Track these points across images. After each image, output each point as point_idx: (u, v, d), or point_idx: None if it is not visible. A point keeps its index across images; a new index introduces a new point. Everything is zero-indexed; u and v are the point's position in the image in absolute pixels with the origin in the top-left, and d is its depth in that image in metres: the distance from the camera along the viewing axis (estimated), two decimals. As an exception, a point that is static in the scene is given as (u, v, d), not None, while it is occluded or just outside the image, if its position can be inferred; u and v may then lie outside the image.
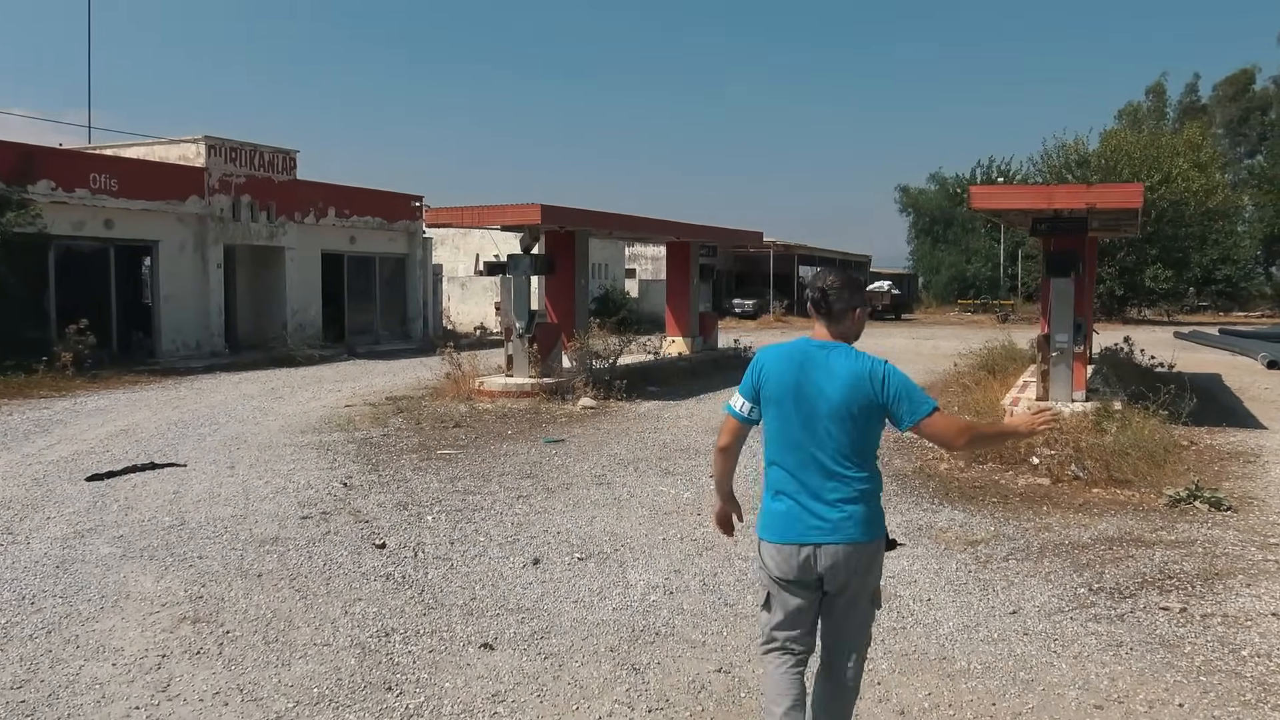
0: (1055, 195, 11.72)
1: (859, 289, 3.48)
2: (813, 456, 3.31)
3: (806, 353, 3.38)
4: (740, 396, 3.46)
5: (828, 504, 3.30)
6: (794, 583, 3.36)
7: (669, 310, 20.37)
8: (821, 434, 3.30)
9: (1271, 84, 63.53)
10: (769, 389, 3.39)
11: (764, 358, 3.46)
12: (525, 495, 8.18)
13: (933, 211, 65.13)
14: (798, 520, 3.32)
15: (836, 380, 3.30)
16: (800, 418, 3.32)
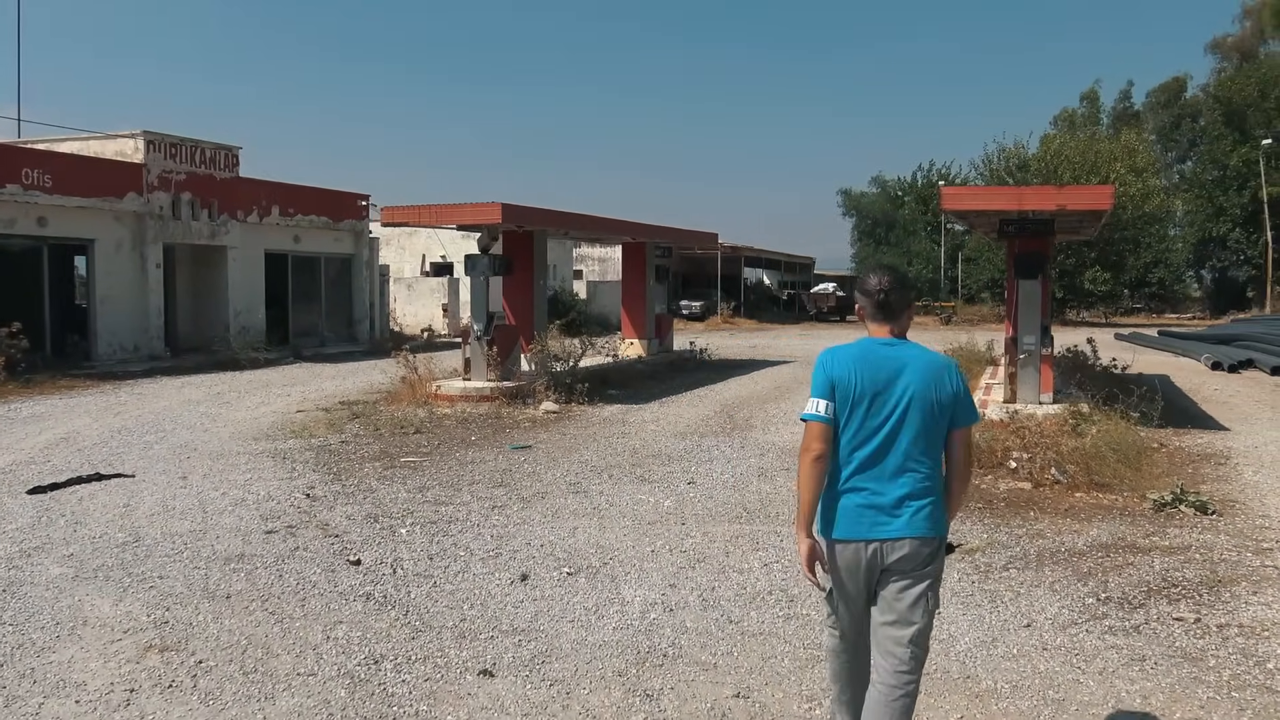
0: (1025, 197, 11.68)
1: (910, 285, 3.65)
2: (885, 453, 3.35)
3: (876, 352, 3.43)
4: (819, 400, 3.39)
5: (897, 500, 3.34)
6: (858, 578, 3.38)
7: (624, 312, 20.10)
8: (897, 430, 3.35)
9: (1201, 92, 65.17)
10: (844, 389, 3.37)
11: (833, 358, 3.45)
12: (500, 505, 7.84)
13: (875, 214, 65.78)
14: (867, 517, 3.34)
15: (917, 373, 3.38)
16: (876, 415, 3.36)
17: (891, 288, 3.51)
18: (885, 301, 3.50)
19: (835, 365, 3.41)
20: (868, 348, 3.44)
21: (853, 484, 3.36)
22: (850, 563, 3.36)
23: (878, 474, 3.36)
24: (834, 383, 3.39)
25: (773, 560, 6.39)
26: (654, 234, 19.36)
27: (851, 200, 67.82)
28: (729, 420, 12.70)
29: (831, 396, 3.38)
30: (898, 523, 3.33)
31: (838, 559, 3.38)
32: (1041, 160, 44.68)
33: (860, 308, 3.60)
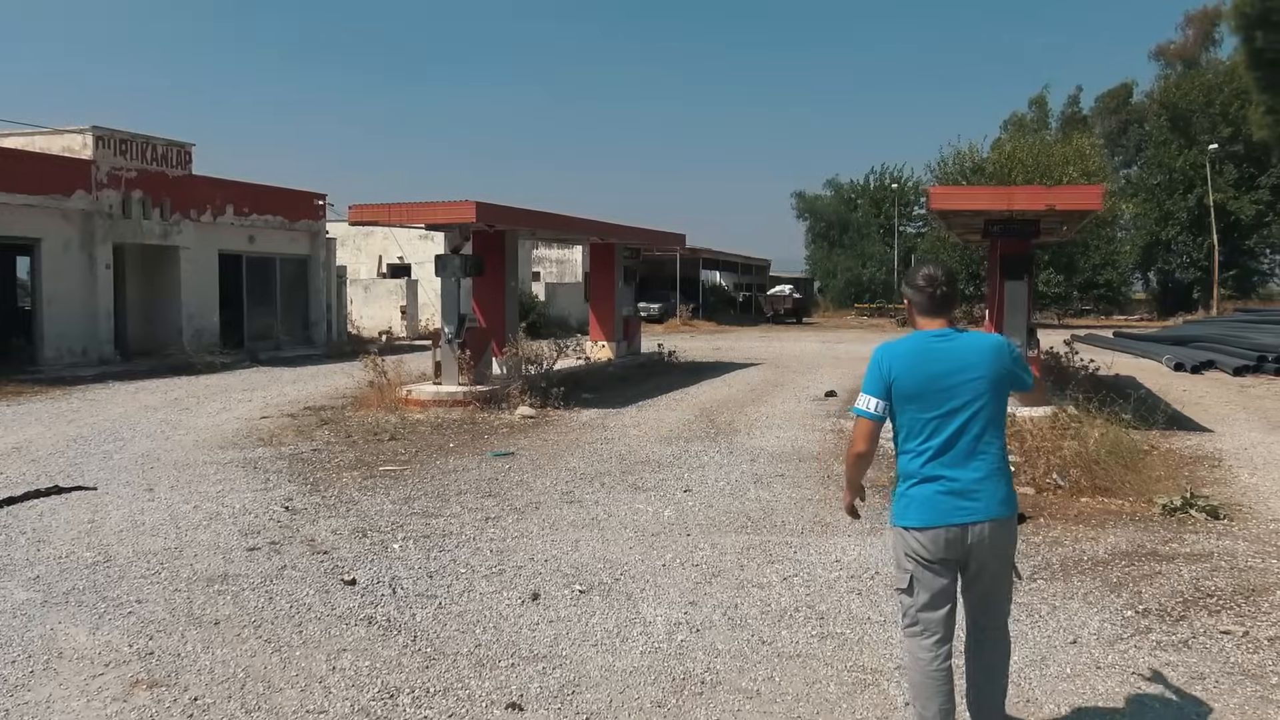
0: (1015, 196, 11.54)
1: (955, 278, 3.73)
2: (957, 440, 3.45)
3: (934, 345, 3.52)
4: (870, 397, 3.52)
5: (974, 483, 3.44)
6: (942, 564, 3.47)
7: (592, 314, 19.74)
8: (967, 418, 3.45)
9: (1146, 98, 66.35)
10: (904, 384, 3.47)
11: (890, 356, 3.54)
12: (493, 517, 7.45)
13: (829, 216, 66.02)
14: (946, 503, 3.43)
15: (981, 356, 3.50)
16: (940, 405, 3.45)
17: (946, 281, 3.61)
18: (942, 295, 3.59)
19: (893, 362, 3.50)
20: (924, 342, 3.54)
21: (927, 473, 3.45)
22: (933, 549, 3.45)
23: (952, 460, 3.44)
24: (891, 379, 3.48)
25: (791, 574, 6.08)
26: (623, 234, 19.03)
27: (806, 203, 68.04)
28: (711, 424, 12.40)
29: (887, 394, 3.49)
30: (977, 506, 3.43)
31: (917, 545, 3.47)
32: (995, 163, 45.12)
33: (910, 303, 3.69)
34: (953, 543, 3.43)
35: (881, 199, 64.07)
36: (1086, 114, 69.69)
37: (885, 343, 3.65)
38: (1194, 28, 65.83)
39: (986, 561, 3.49)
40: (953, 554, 3.45)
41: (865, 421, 3.54)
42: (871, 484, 8.65)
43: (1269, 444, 11.30)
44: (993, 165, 44.84)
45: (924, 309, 3.61)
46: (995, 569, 3.53)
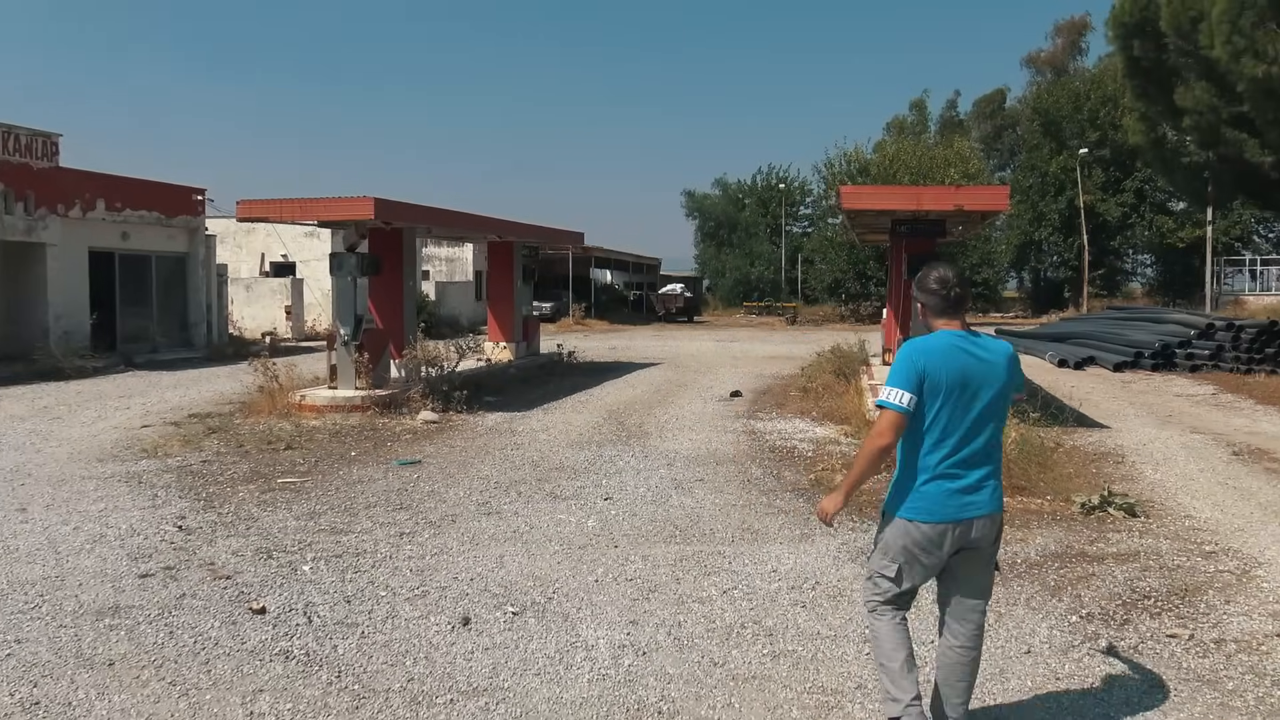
0: (924, 197, 11.59)
1: (967, 279, 3.83)
2: (972, 440, 3.57)
3: (962, 346, 3.59)
4: (901, 390, 3.52)
5: (980, 481, 3.59)
6: (939, 557, 3.62)
7: (491, 314, 19.24)
8: (982, 417, 3.57)
9: (1019, 103, 68.88)
10: (935, 380, 3.53)
11: (923, 351, 3.57)
12: (408, 532, 7.02)
13: (718, 216, 66.51)
14: (955, 500, 3.55)
15: (998, 365, 3.62)
16: (965, 405, 3.55)
17: (960, 283, 3.68)
18: (957, 296, 3.66)
19: (926, 358, 3.54)
20: (955, 342, 3.59)
21: (942, 470, 3.55)
22: (935, 543, 3.58)
23: (966, 460, 3.56)
24: (924, 375, 3.52)
25: (730, 587, 5.85)
26: (522, 232, 18.58)
27: (695, 202, 68.40)
28: (621, 427, 12.13)
29: (919, 389, 3.52)
30: (980, 500, 3.59)
31: (922, 539, 3.58)
32: (879, 165, 46.10)
33: (924, 306, 3.72)
34: (957, 538, 3.58)
35: (768, 198, 64.86)
36: (963, 118, 72.10)
37: (914, 338, 3.68)
38: (1063, 37, 68.78)
39: (980, 551, 3.65)
40: (952, 548, 3.60)
41: (895, 414, 3.53)
42: (792, 487, 8.52)
43: (1164, 439, 11.63)
44: (876, 167, 45.79)
45: (939, 310, 3.67)
46: (986, 557, 3.70)
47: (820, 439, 11.23)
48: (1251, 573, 6.26)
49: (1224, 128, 20.05)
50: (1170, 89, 21.20)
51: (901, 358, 3.61)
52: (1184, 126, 21.59)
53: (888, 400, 3.55)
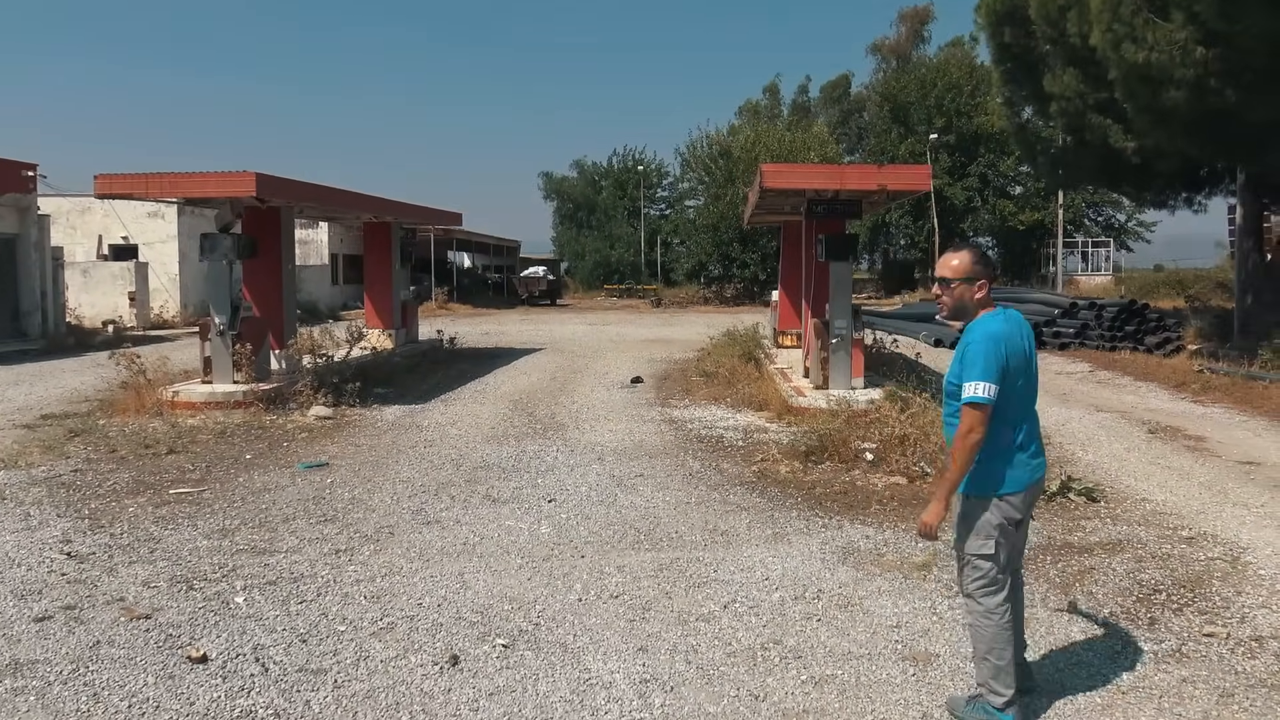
0: (847, 176, 11.27)
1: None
2: (1031, 409, 3.87)
3: (1016, 326, 3.82)
4: (990, 384, 3.61)
5: (1040, 446, 3.91)
6: (1022, 523, 3.88)
7: (368, 299, 18.11)
8: (1034, 386, 3.89)
9: (865, 89, 70.73)
10: (1013, 365, 3.71)
11: (1002, 339, 3.70)
12: (345, 549, 6.18)
13: (576, 198, 65.81)
14: (1032, 464, 3.82)
15: (1031, 337, 3.91)
16: (1030, 380, 3.82)
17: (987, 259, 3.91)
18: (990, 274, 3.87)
19: (1007, 347, 3.69)
20: (1011, 325, 3.79)
21: (1021, 441, 3.78)
22: (1021, 510, 3.82)
23: (1032, 428, 3.86)
24: (1006, 363, 3.66)
25: (728, 600, 5.31)
26: (402, 212, 17.49)
27: (553, 184, 67.48)
28: (532, 419, 11.41)
29: (1001, 379, 3.63)
30: (1042, 462, 3.91)
31: (1012, 511, 3.76)
32: (741, 148, 46.31)
33: (983, 284, 3.83)
34: (1032, 499, 3.90)
35: (625, 180, 64.56)
36: (812, 103, 73.55)
37: (988, 328, 3.73)
38: (906, 25, 70.85)
39: (1032, 508, 3.96)
40: (1029, 510, 3.91)
41: (987, 408, 3.62)
42: (739, 481, 8.01)
43: (1077, 419, 11.73)
44: (739, 150, 45.99)
45: (987, 290, 3.84)
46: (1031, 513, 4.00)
47: (745, 427, 10.81)
48: (1241, 560, 6.13)
49: (1090, 113, 20.63)
50: (1039, 75, 21.71)
51: (987, 349, 3.65)
52: (1051, 112, 22.15)
53: (979, 395, 3.60)
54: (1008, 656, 3.78)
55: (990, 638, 3.78)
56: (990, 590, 3.79)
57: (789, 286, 17.92)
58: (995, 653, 3.76)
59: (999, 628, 3.77)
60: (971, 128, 54.26)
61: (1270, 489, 8.22)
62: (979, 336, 3.70)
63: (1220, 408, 12.96)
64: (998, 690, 3.77)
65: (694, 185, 54.29)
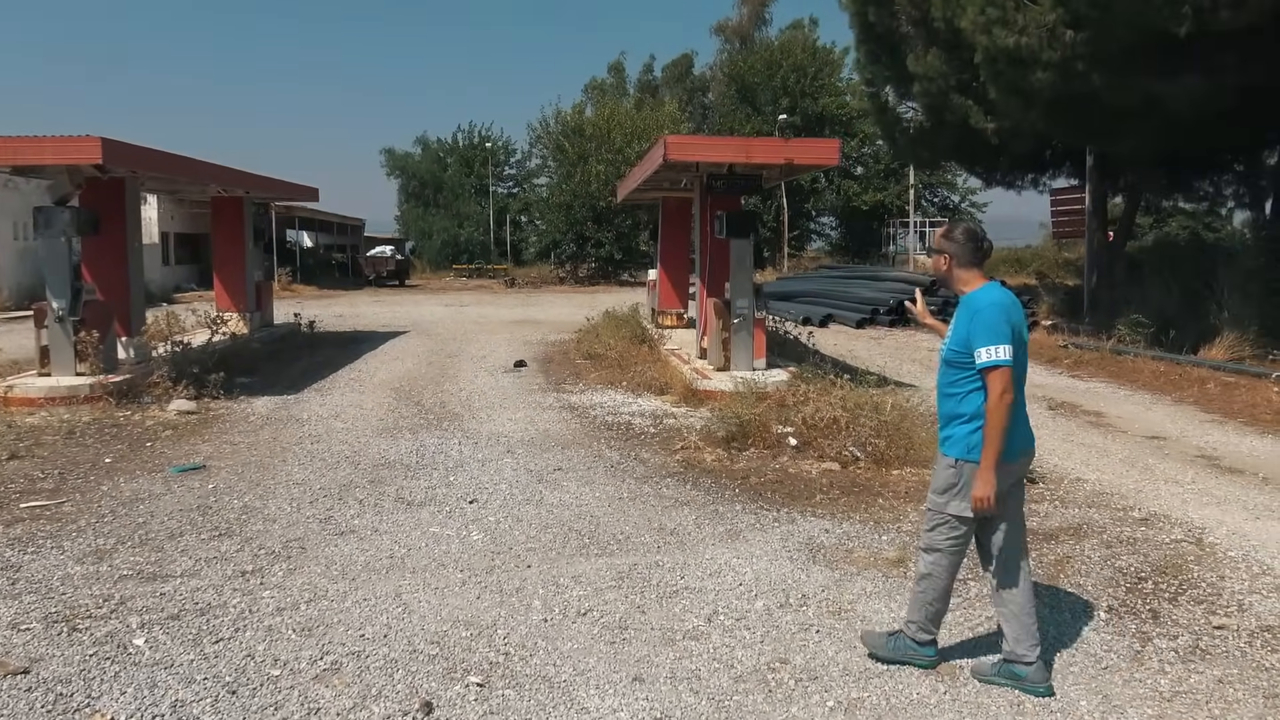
0: (754, 149, 10.84)
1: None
2: (1023, 375, 3.92)
3: (1010, 296, 3.92)
4: (1006, 346, 3.72)
5: (1026, 414, 4.00)
6: (1012, 488, 3.97)
7: (218, 280, 16.69)
8: (1025, 355, 3.97)
9: (709, 70, 71.17)
10: (1017, 331, 3.82)
11: (1006, 305, 3.82)
12: (252, 570, 5.34)
13: (421, 175, 63.81)
14: (1025, 430, 3.98)
15: (1022, 309, 3.98)
16: (1023, 349, 3.91)
17: (985, 235, 4.01)
18: (989, 247, 4.01)
19: (1013, 312, 3.84)
20: (1007, 293, 3.91)
21: (1018, 407, 3.86)
22: (1013, 475, 3.95)
23: (1023, 394, 3.93)
24: (1013, 328, 3.78)
25: (709, 612, 4.78)
26: (257, 185, 16.12)
27: (396, 160, 65.20)
28: (421, 409, 10.58)
29: (1011, 340, 3.75)
30: (1031, 431, 4.06)
31: (1006, 476, 3.86)
32: (594, 125, 45.69)
33: (950, 256, 3.98)
34: (1022, 470, 4.06)
35: (471, 158, 63.03)
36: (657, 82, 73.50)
37: (991, 296, 3.84)
38: (748, 6, 71.60)
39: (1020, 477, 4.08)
40: (1022, 477, 4.07)
41: (1008, 369, 3.72)
42: (666, 472, 7.46)
43: (975, 397, 11.71)
44: (592, 127, 45.34)
45: (970, 261, 3.94)
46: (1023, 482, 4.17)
47: (652, 413, 10.30)
48: (1205, 541, 6.03)
49: (952, 94, 21.00)
50: (902, 56, 21.97)
51: (993, 315, 3.75)
52: (914, 92, 22.47)
53: (999, 358, 3.70)
54: (946, 604, 4.09)
55: (942, 589, 4.03)
56: (959, 549, 3.99)
57: (670, 265, 17.52)
58: (941, 600, 4.06)
59: (951, 580, 4.03)
60: (816, 109, 55.25)
61: (1187, 464, 8.29)
62: (986, 304, 3.80)
63: (1100, 382, 13.28)
64: (928, 629, 4.08)
65: (544, 163, 53.41)
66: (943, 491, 3.94)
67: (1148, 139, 18.22)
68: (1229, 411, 10.80)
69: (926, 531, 4.06)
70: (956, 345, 3.86)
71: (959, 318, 3.89)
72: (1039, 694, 3.87)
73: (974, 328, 3.75)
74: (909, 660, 4.11)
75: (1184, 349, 15.10)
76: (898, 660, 4.12)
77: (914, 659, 4.10)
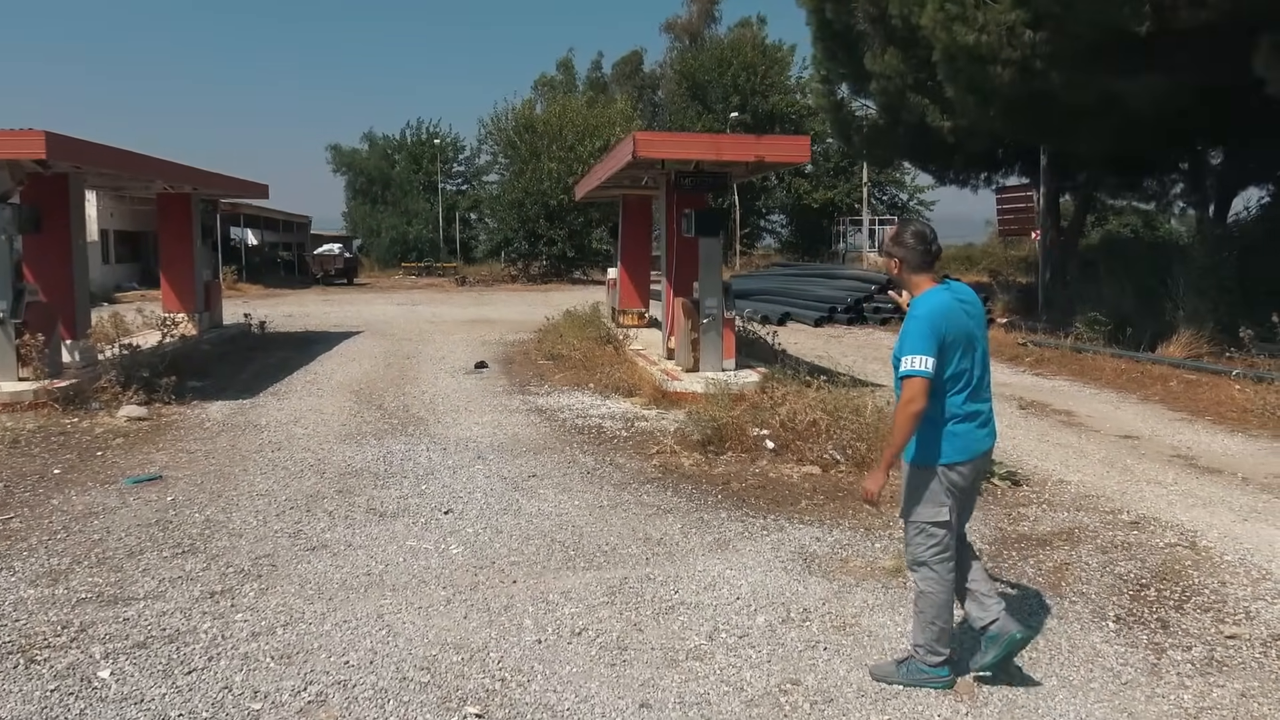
0: (723, 146, 10.65)
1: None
2: (980, 381, 3.89)
3: (955, 301, 3.84)
4: (925, 356, 3.69)
5: (987, 416, 3.95)
6: (970, 490, 3.96)
7: (165, 280, 16.14)
8: (981, 355, 3.91)
9: (659, 67, 71.09)
10: (951, 337, 3.76)
11: (938, 314, 3.76)
12: (222, 591, 5.03)
13: (370, 172, 62.87)
14: (978, 436, 3.87)
15: (978, 309, 3.96)
16: (973, 353, 3.85)
17: (934, 237, 3.94)
18: (938, 250, 3.94)
19: (943, 321, 3.76)
20: (950, 299, 3.84)
21: (965, 411, 3.83)
22: (970, 478, 3.92)
23: (978, 395, 3.88)
24: (943, 336, 3.73)
25: (710, 629, 4.58)
26: (204, 181, 15.59)
27: (343, 157, 64.12)
28: (384, 413, 10.26)
29: (939, 350, 3.71)
30: (990, 431, 3.97)
31: (960, 479, 3.87)
32: (545, 122, 45.28)
33: (901, 260, 3.94)
34: (980, 468, 3.99)
35: (420, 154, 62.26)
36: (607, 79, 73.24)
37: (928, 305, 3.79)
38: (698, 4, 71.60)
39: (980, 476, 4.10)
40: (977, 478, 4.02)
41: (925, 380, 3.70)
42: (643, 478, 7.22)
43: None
44: (543, 124, 44.94)
45: (919, 265, 3.90)
46: (979, 482, 4.16)
47: (622, 415, 10.08)
48: (1199, 545, 5.95)
49: (909, 93, 21.04)
50: (859, 53, 21.97)
51: (920, 325, 3.73)
52: (871, 90, 22.49)
53: (915, 369, 3.69)
54: (950, 619, 3.95)
55: (941, 603, 3.92)
56: (945, 556, 3.91)
57: (631, 263, 17.32)
58: (943, 617, 3.93)
59: (949, 593, 3.93)
60: (767, 107, 55.36)
61: (1165, 464, 8.26)
62: (913, 312, 3.82)
63: (1064, 380, 13.32)
64: (937, 650, 3.95)
65: (495, 159, 52.87)
66: (911, 501, 3.94)
67: (1103, 138, 18.38)
68: (1195, 409, 10.85)
69: (907, 547, 4.04)
70: (896, 351, 3.87)
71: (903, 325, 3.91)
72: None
73: (903, 336, 3.79)
74: (924, 684, 3.98)
75: (1141, 346, 15.23)
76: (912, 686, 3.98)
77: (929, 682, 3.97)
